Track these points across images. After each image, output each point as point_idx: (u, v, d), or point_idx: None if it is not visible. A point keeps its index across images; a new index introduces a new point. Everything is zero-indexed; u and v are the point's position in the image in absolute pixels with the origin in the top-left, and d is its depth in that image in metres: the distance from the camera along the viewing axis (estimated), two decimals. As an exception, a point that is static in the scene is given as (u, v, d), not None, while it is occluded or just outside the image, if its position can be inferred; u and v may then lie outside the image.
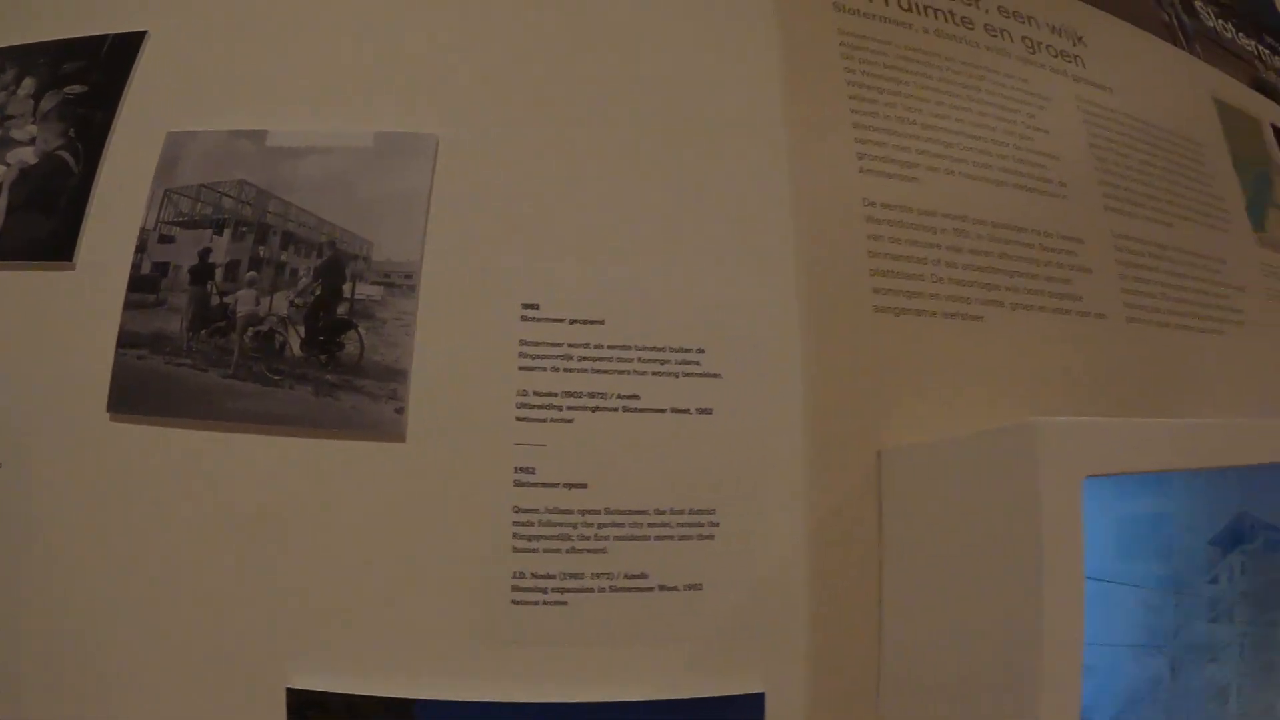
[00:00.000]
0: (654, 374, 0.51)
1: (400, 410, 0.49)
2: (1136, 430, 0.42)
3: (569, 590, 0.48)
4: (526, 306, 0.51)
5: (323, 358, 0.50)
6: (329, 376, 0.49)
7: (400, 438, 0.49)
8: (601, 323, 0.51)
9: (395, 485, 0.48)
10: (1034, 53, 0.73)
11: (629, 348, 0.51)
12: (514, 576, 0.48)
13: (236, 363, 0.50)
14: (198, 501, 0.48)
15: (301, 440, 0.49)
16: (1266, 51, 1.07)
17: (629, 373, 0.51)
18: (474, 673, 0.47)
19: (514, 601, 0.48)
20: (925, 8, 0.69)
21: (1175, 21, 0.91)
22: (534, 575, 0.48)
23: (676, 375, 0.51)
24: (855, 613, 0.51)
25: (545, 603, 0.48)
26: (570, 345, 0.50)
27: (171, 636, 0.46)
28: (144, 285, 0.52)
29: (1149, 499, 0.48)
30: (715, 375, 0.52)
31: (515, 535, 0.48)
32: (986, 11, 0.73)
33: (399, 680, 0.47)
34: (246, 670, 0.46)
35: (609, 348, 0.51)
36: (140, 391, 0.51)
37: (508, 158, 0.53)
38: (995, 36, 0.71)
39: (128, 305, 0.51)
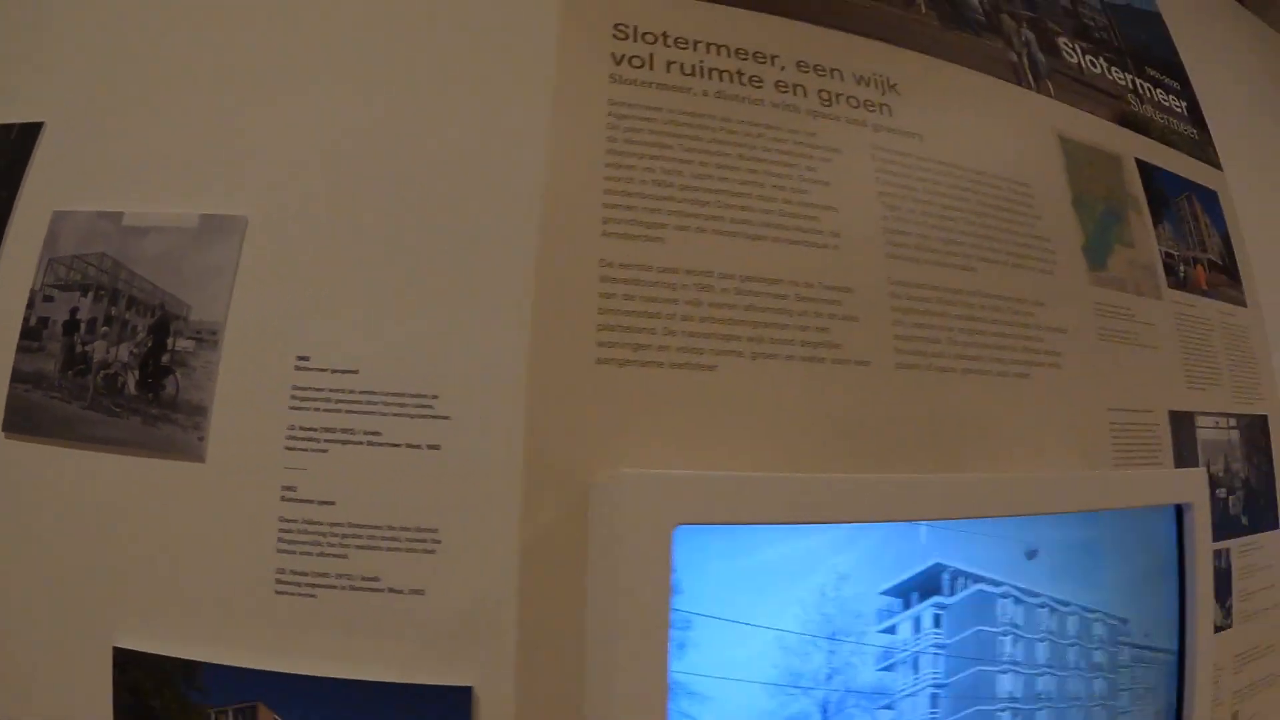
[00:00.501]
0: (394, 415, 0.61)
1: (202, 439, 0.61)
2: (726, 484, 0.48)
3: (318, 586, 0.59)
4: (300, 358, 0.62)
5: (150, 396, 0.63)
6: (154, 410, 0.62)
7: (201, 459, 0.61)
8: (356, 372, 0.61)
9: (197, 495, 0.61)
10: (829, 105, 0.77)
11: (375, 393, 0.61)
12: (277, 572, 0.59)
13: (91, 398, 0.63)
14: (63, 499, 0.62)
15: (133, 458, 0.62)
16: (1148, 85, 1.03)
17: (374, 414, 0.61)
18: (247, 645, 0.59)
19: (277, 592, 0.59)
20: (710, 70, 0.74)
21: (1026, 60, 0.91)
22: (293, 572, 0.59)
23: (412, 417, 0.61)
24: (562, 625, 0.59)
25: (299, 595, 0.59)
26: (330, 390, 0.61)
27: (29, 600, 0.60)
28: (31, 334, 0.66)
29: (797, 545, 0.53)
30: (445, 418, 0.61)
31: (280, 539, 0.59)
32: (782, 69, 0.77)
33: (193, 646, 0.59)
34: (81, 630, 0.59)
35: (360, 393, 0.61)
36: (27, 416, 0.65)
37: (296, 235, 0.64)
38: (785, 93, 0.75)
39: (19, 349, 0.66)
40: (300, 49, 0.67)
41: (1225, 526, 0.96)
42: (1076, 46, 1.03)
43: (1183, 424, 0.91)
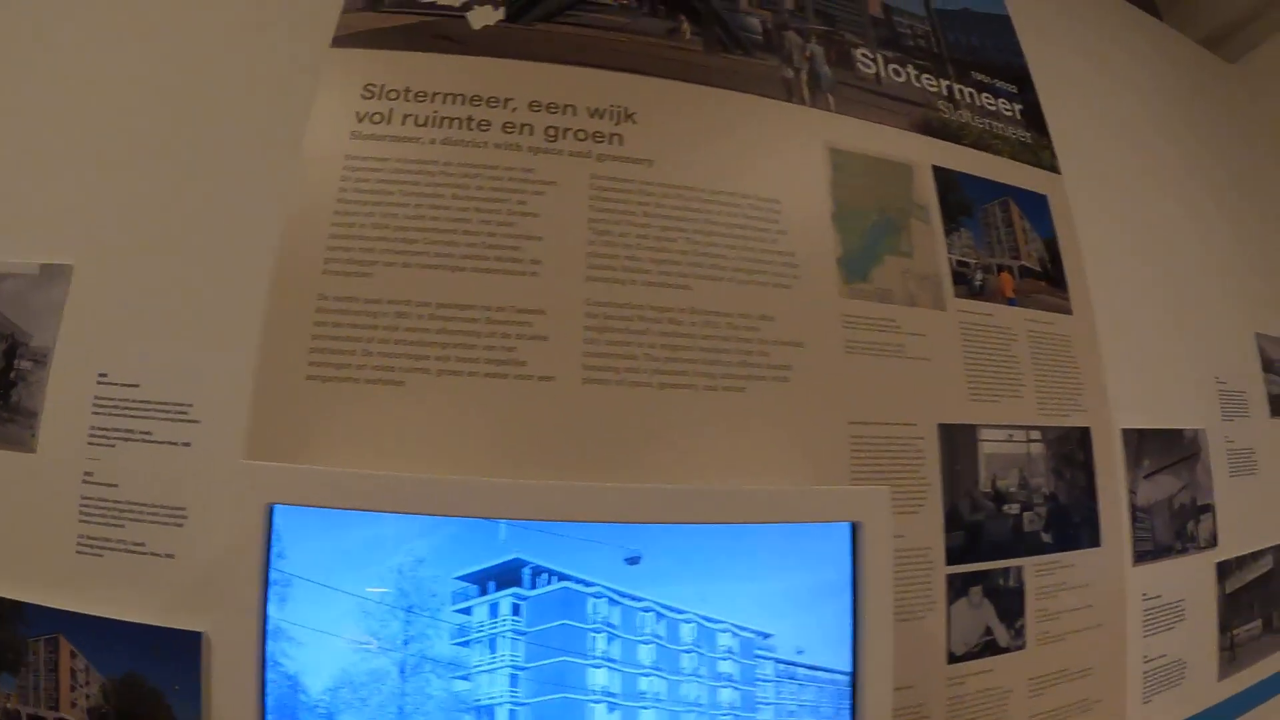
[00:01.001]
0: (161, 419, 0.77)
1: (33, 435, 0.80)
2: (315, 475, 0.61)
3: (104, 549, 0.76)
4: (100, 375, 0.79)
5: (2, 403, 0.82)
6: (3, 414, 0.82)
7: (33, 450, 0.80)
8: (137, 385, 0.78)
9: (30, 479, 0.80)
10: (554, 141, 0.85)
11: (149, 402, 0.77)
12: (79, 538, 0.77)
13: None
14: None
15: None
16: (970, 90, 1.03)
17: (148, 418, 0.77)
18: (60, 592, 0.77)
19: (77, 552, 0.77)
20: (442, 119, 0.84)
21: (805, 75, 0.95)
22: (89, 538, 0.77)
23: (173, 420, 0.77)
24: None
25: (92, 554, 0.77)
26: (119, 400, 0.78)
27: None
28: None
29: (382, 529, 0.64)
30: (196, 421, 0.76)
31: (80, 511, 0.77)
32: (513, 110, 0.86)
33: (20, 591, 0.78)
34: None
35: (139, 401, 0.78)
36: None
37: (102, 280, 0.82)
38: (511, 133, 0.84)
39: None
40: (100, 134, 0.83)
41: (1015, 544, 0.94)
42: (879, 57, 1.02)
43: (957, 437, 0.91)
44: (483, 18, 0.89)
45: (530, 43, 0.88)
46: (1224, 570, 1.15)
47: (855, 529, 0.70)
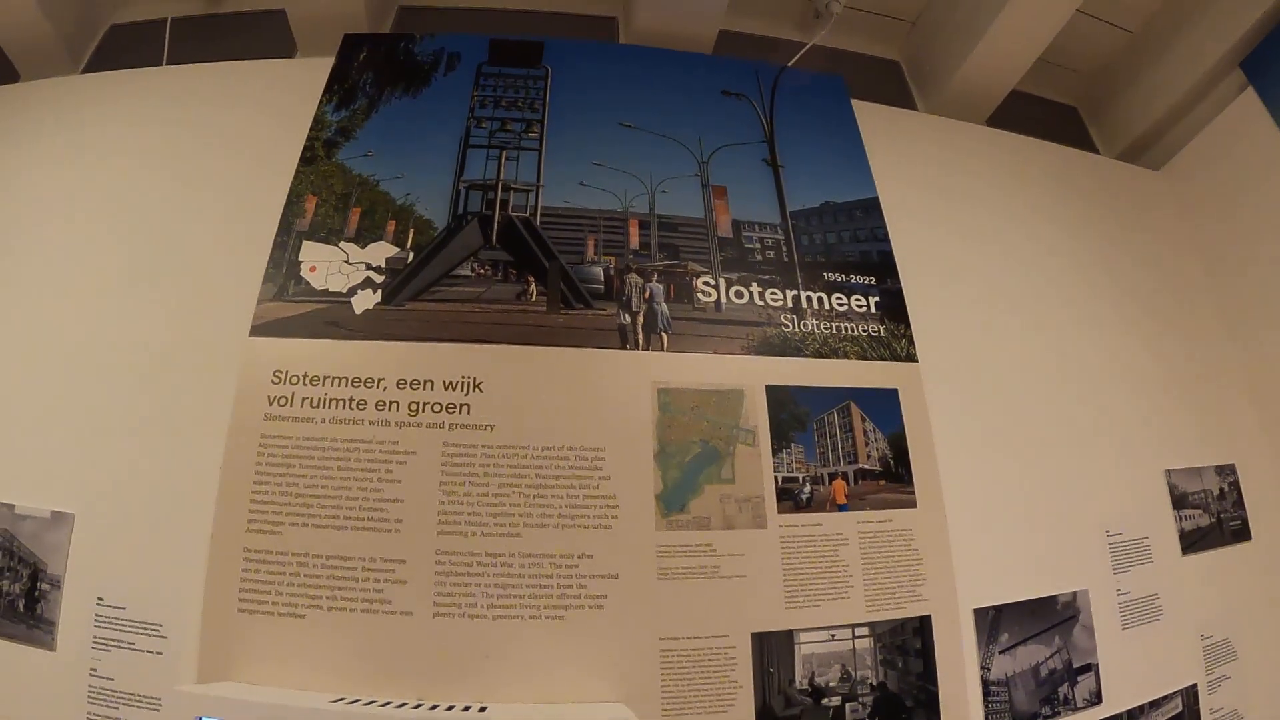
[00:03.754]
0: (140, 633, 1.11)
1: (52, 638, 1.17)
2: (223, 698, 0.91)
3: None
4: (99, 599, 1.14)
5: (29, 613, 1.19)
6: (31, 622, 1.19)
7: (53, 649, 1.17)
8: (124, 608, 1.13)
9: (51, 670, 1.17)
10: (415, 414, 1.10)
11: (133, 621, 1.12)
12: (88, 716, 1.13)
13: (1, 611, 1.22)
14: None
15: (19, 646, 1.20)
16: (820, 295, 1.19)
17: (132, 632, 1.11)
18: None
19: None
20: (329, 401, 1.12)
21: (641, 318, 1.13)
22: (95, 716, 1.13)
23: (150, 635, 1.10)
24: None
25: None
26: (112, 618, 1.13)
27: None
28: None
29: None
30: (165, 637, 1.09)
31: (89, 696, 1.14)
32: (384, 389, 1.12)
33: None
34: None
35: (126, 620, 1.12)
36: None
37: (100, 525, 1.18)
38: (382, 410, 1.11)
39: None
40: (85, 411, 1.16)
41: None
42: (721, 281, 1.16)
43: (772, 642, 1.06)
44: (364, 302, 1.13)
45: (400, 323, 1.12)
46: None
47: None
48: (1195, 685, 1.36)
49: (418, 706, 1.01)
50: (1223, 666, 1.40)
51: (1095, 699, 1.27)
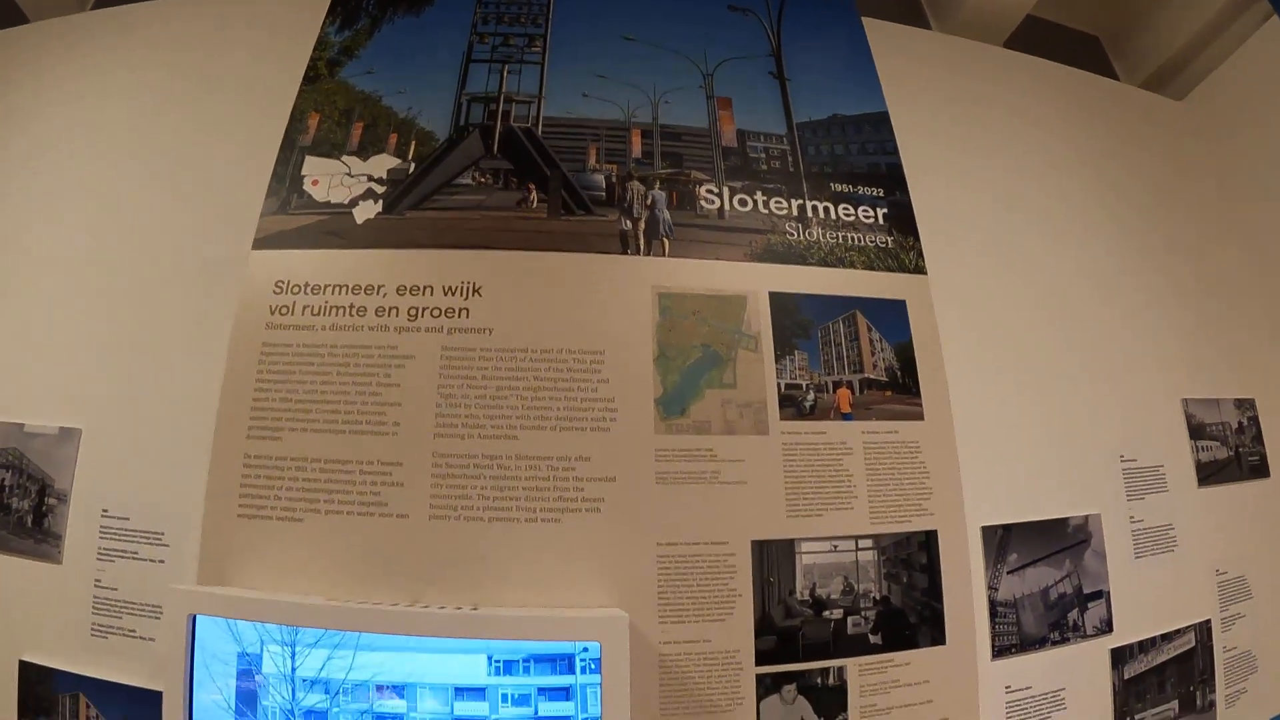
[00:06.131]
0: (142, 542, 1.11)
1: (59, 551, 1.17)
2: (219, 595, 0.91)
3: (109, 634, 1.13)
4: (103, 510, 1.14)
5: (37, 528, 1.19)
6: (39, 536, 1.19)
7: (59, 563, 1.17)
8: (128, 518, 1.12)
9: (58, 583, 1.17)
10: (414, 319, 1.08)
11: (136, 531, 1.12)
12: (92, 626, 1.14)
13: (11, 527, 1.21)
14: None
15: (28, 561, 1.20)
16: (826, 205, 1.14)
17: (135, 541, 1.11)
18: (80, 662, 1.14)
19: (91, 635, 1.14)
20: (330, 308, 1.12)
21: (643, 225, 1.10)
22: (99, 626, 1.14)
23: (152, 544, 1.10)
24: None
25: (101, 638, 1.13)
26: (117, 527, 1.13)
27: None
28: None
29: None
30: (168, 545, 1.09)
31: (93, 606, 1.14)
32: (384, 295, 1.11)
33: (52, 660, 1.16)
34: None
35: (129, 530, 1.12)
36: None
37: (106, 438, 1.18)
38: (382, 316, 1.10)
39: None
40: (91, 328, 1.17)
41: (836, 646, 1.05)
42: (725, 190, 1.12)
43: (773, 551, 1.03)
44: (365, 212, 1.12)
45: (400, 231, 1.10)
46: (1121, 656, 1.14)
47: (600, 645, 0.86)
48: (1209, 621, 1.29)
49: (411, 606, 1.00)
50: (1237, 604, 1.33)
51: (1106, 627, 1.21)
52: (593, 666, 0.95)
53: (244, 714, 1.00)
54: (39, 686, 1.16)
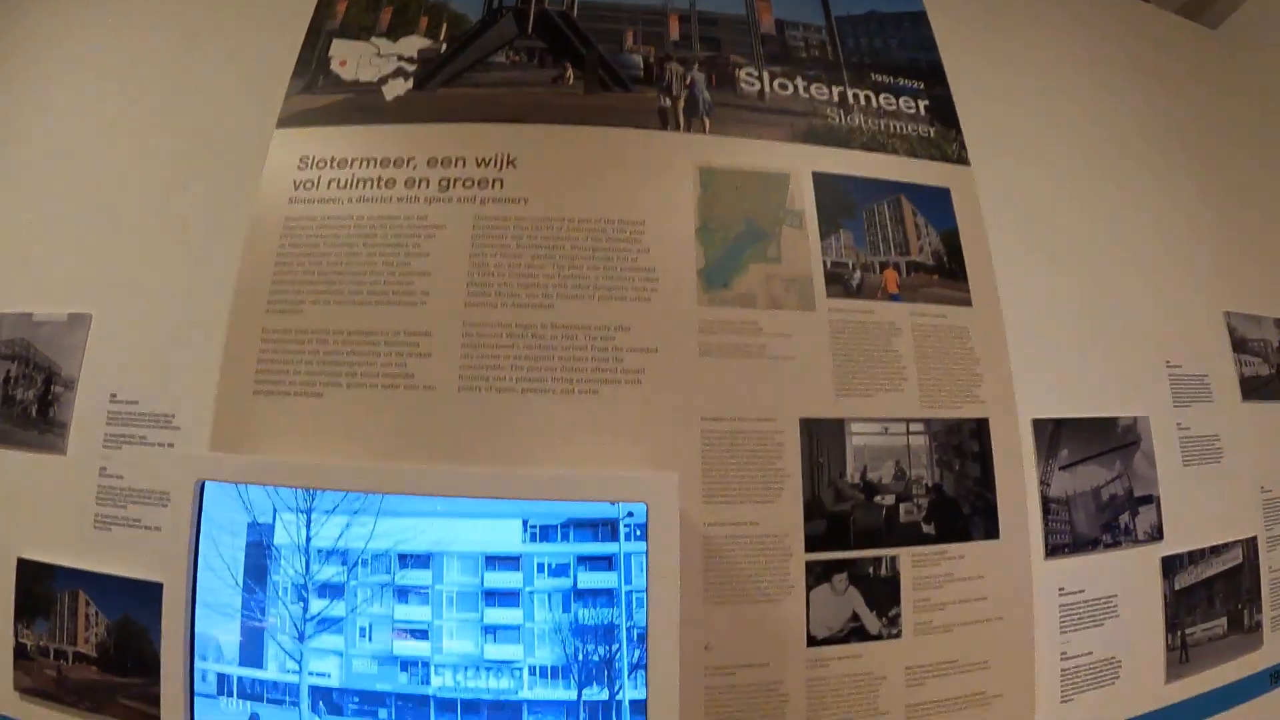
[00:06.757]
0: (151, 426, 1.03)
1: (65, 441, 1.08)
2: (229, 459, 0.82)
3: (113, 525, 1.04)
4: (111, 395, 1.07)
5: (42, 419, 1.11)
6: (43, 426, 1.11)
7: (64, 453, 1.09)
8: (137, 402, 1.05)
9: (62, 473, 1.09)
10: (446, 190, 1.03)
11: (145, 414, 1.04)
12: (95, 517, 1.05)
13: (15, 419, 1.13)
14: None
15: (33, 454, 1.11)
16: (866, 94, 1.11)
17: (145, 425, 1.04)
18: (81, 556, 1.04)
19: (95, 527, 1.05)
20: (357, 181, 1.05)
21: (682, 103, 1.06)
22: (102, 516, 1.05)
23: (161, 427, 1.02)
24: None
25: (104, 529, 1.03)
26: (124, 412, 1.05)
27: None
28: None
29: None
30: (178, 428, 1.02)
31: (97, 497, 1.05)
32: (414, 168, 1.05)
33: (53, 556, 1.06)
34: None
35: (137, 414, 1.05)
36: None
37: (116, 322, 1.11)
38: (411, 187, 1.03)
39: None
40: (104, 209, 1.10)
41: (889, 534, 0.98)
42: (765, 74, 1.09)
43: (822, 431, 0.97)
44: (394, 89, 1.08)
45: (431, 106, 1.05)
46: (1171, 566, 1.07)
47: (646, 508, 0.78)
48: (1255, 538, 1.23)
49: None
50: (1281, 525, 1.29)
51: (1156, 534, 1.14)
52: (638, 533, 0.87)
53: (253, 591, 0.91)
54: (37, 586, 1.06)
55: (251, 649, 0.92)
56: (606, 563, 0.88)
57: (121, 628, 1.02)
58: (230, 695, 0.92)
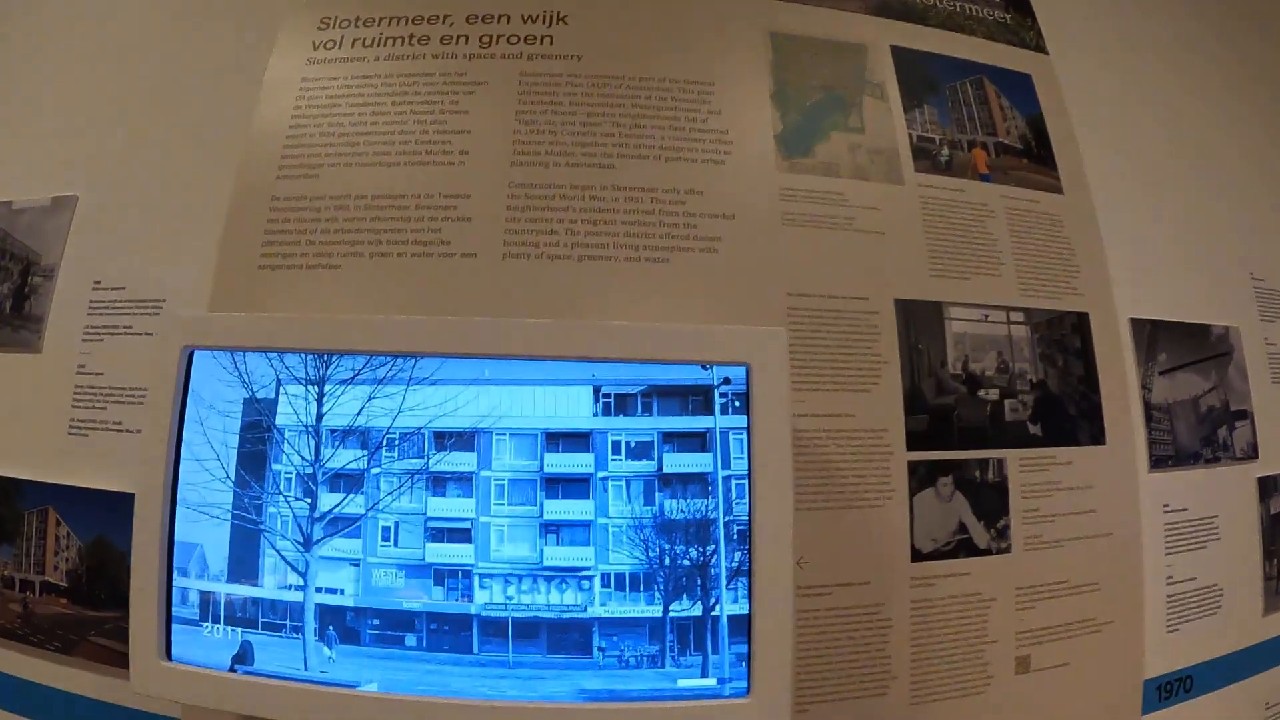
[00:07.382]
0: (139, 313, 0.86)
1: (40, 337, 0.91)
2: (221, 320, 0.65)
3: (90, 430, 0.86)
4: (95, 282, 0.90)
5: (16, 314, 0.93)
6: (17, 323, 0.94)
7: (39, 351, 0.90)
8: (124, 288, 0.88)
9: (35, 374, 0.91)
10: (488, 47, 0.89)
11: (133, 300, 0.87)
12: (70, 422, 0.87)
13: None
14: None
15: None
16: None
17: (131, 314, 0.87)
18: (52, 469, 0.85)
19: (69, 434, 0.87)
20: (386, 39, 0.91)
21: None
22: (79, 421, 0.87)
23: (150, 314, 0.85)
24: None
25: (80, 436, 0.86)
26: (110, 301, 0.90)
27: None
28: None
29: None
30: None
31: (73, 399, 0.87)
32: (450, 25, 0.92)
33: (20, 470, 0.87)
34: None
35: (125, 301, 0.88)
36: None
37: (105, 202, 0.95)
38: (448, 44, 0.90)
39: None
40: (95, 78, 0.95)
41: (995, 434, 0.84)
42: None
43: (919, 314, 0.83)
44: (426, -50, 0.94)
45: None
46: (1267, 487, 0.96)
47: (747, 372, 0.63)
48: None
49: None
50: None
51: (1252, 452, 1.02)
52: (736, 405, 0.71)
53: (247, 485, 0.72)
54: (2, 507, 0.86)
55: (244, 560, 0.73)
56: (699, 442, 0.72)
57: (95, 551, 0.82)
58: (216, 621, 0.73)
